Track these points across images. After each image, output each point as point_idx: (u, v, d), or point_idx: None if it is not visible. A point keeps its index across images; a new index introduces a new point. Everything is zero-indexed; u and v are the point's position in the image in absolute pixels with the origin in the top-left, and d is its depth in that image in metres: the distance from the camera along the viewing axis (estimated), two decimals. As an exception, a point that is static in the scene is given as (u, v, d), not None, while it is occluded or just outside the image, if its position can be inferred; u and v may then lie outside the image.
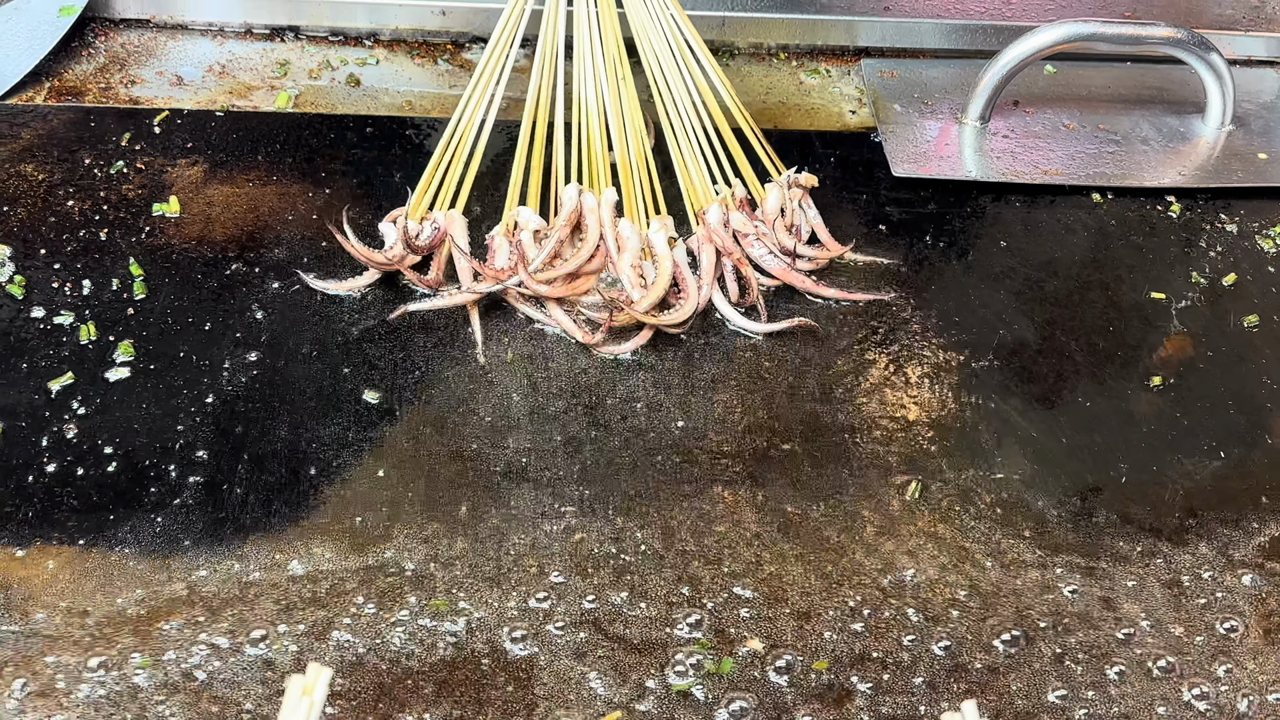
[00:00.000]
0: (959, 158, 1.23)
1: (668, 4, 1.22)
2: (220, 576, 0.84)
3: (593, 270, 1.05)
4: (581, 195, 1.09)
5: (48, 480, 0.89)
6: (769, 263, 1.07)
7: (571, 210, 1.08)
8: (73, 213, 1.10)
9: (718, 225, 1.07)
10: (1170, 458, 0.97)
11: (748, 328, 1.03)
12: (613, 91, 1.17)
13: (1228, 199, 1.21)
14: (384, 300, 1.04)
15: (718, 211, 1.08)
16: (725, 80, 1.20)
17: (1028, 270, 1.12)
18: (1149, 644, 0.84)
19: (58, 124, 1.19)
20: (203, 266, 1.06)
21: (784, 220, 1.10)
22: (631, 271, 1.04)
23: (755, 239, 1.07)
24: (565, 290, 1.03)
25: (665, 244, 1.06)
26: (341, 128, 1.21)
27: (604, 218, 1.08)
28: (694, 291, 1.04)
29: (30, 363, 0.97)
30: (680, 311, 1.02)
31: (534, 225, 1.07)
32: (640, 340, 1.02)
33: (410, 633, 0.82)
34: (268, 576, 0.84)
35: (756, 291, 1.04)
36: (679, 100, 1.18)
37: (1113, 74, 1.36)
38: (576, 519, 0.89)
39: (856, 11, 1.38)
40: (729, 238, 1.07)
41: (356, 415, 0.95)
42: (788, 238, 1.08)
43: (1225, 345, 1.07)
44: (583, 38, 1.20)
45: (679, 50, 1.20)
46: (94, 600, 0.82)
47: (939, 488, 0.93)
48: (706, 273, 1.05)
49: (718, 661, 0.81)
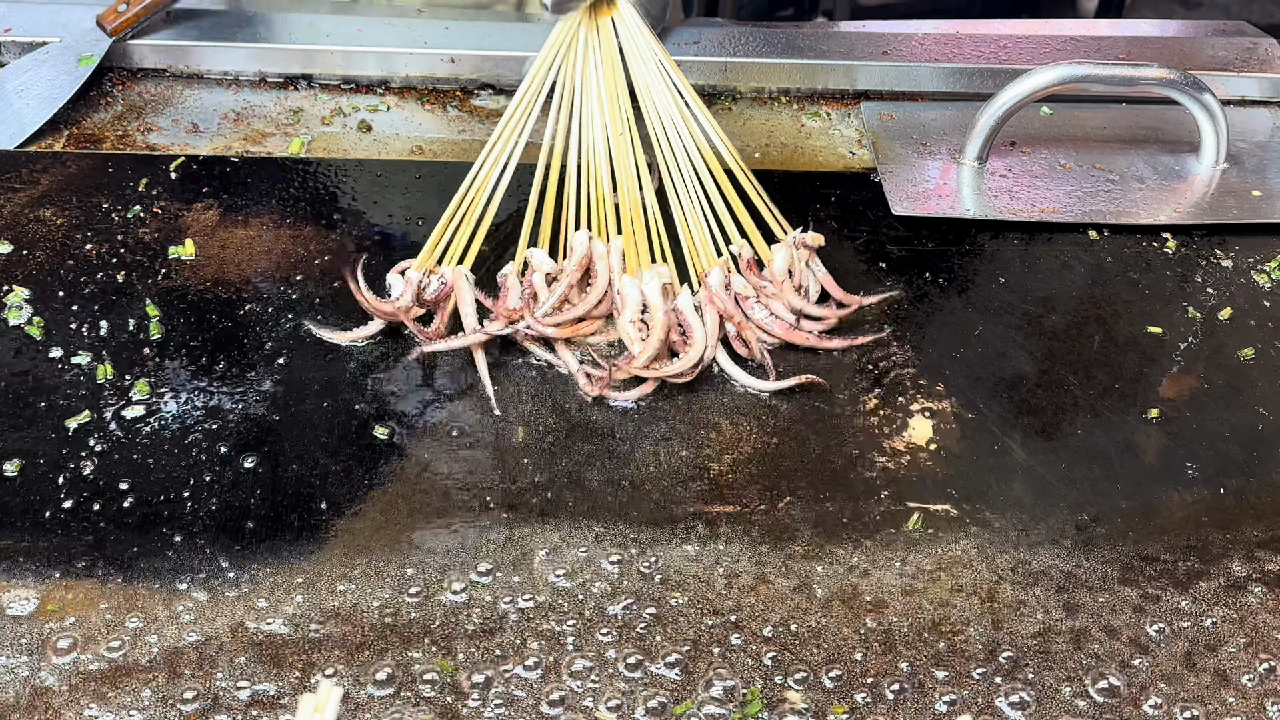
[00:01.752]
0: (957, 197, 1.25)
1: (663, 63, 1.24)
2: (233, 608, 0.86)
3: (599, 315, 1.08)
4: (591, 242, 1.11)
5: (65, 516, 0.91)
6: (771, 325, 1.08)
7: (582, 256, 1.10)
8: (90, 256, 1.13)
9: (719, 289, 1.08)
10: (1168, 489, 0.98)
11: (754, 386, 1.04)
12: (616, 139, 1.20)
13: (1223, 235, 1.23)
14: (393, 340, 1.06)
15: (719, 275, 1.09)
16: (726, 140, 1.22)
17: (1026, 305, 1.14)
18: (1144, 675, 0.85)
19: (76, 170, 1.22)
20: (217, 307, 1.09)
21: (792, 281, 1.11)
22: (631, 328, 1.05)
23: (756, 301, 1.09)
24: (571, 332, 1.06)
25: (659, 295, 1.06)
26: (353, 172, 1.24)
27: (613, 265, 1.10)
28: (700, 339, 1.05)
29: (48, 402, 0.99)
30: (681, 363, 1.04)
31: (546, 268, 1.09)
32: (645, 390, 1.03)
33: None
34: (280, 608, 0.86)
35: (760, 351, 1.06)
36: (679, 158, 1.20)
37: (1108, 115, 1.39)
38: (581, 557, 0.91)
39: (856, 56, 1.42)
40: (730, 301, 1.08)
41: (366, 451, 0.97)
42: (796, 298, 1.09)
43: (1222, 378, 1.08)
44: (590, 86, 1.23)
45: (676, 104, 1.22)
46: (108, 632, 0.84)
47: (938, 519, 0.94)
48: (711, 334, 1.06)
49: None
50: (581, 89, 1.24)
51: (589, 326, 1.07)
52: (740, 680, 0.83)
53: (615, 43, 1.26)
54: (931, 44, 1.44)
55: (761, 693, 0.82)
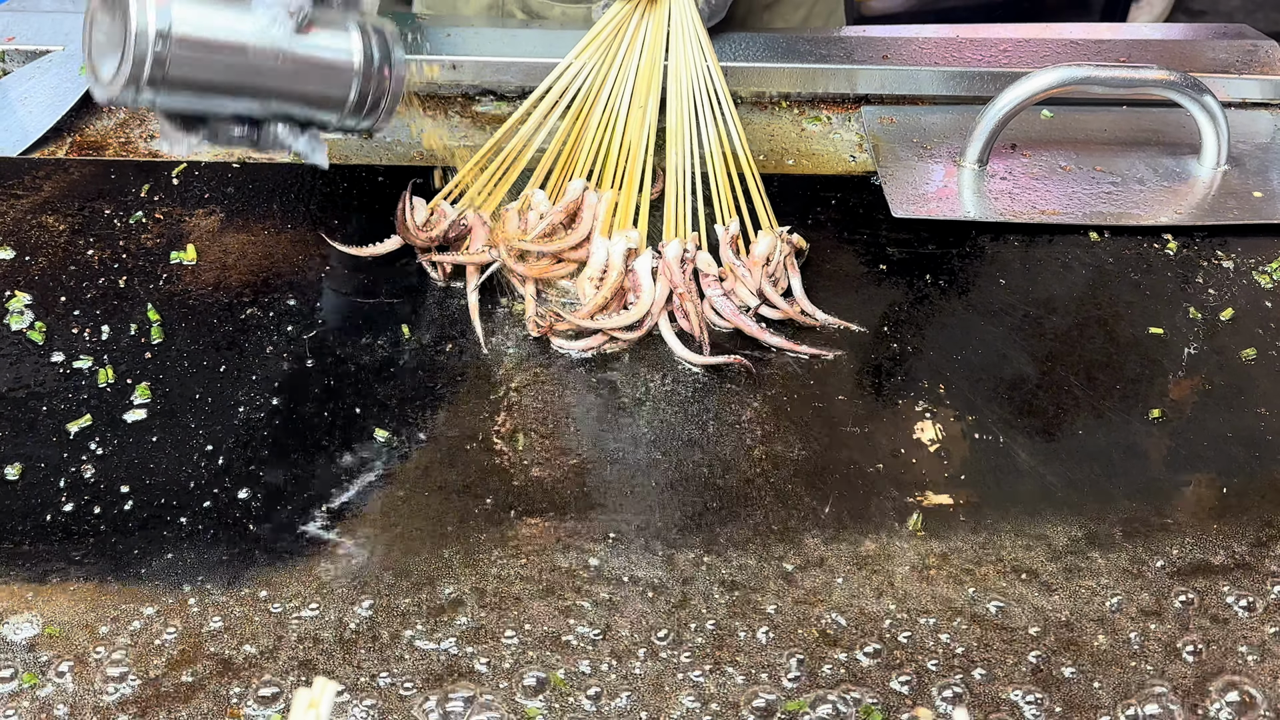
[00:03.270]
0: (958, 199, 1.25)
1: (705, 54, 1.25)
2: (234, 610, 0.86)
3: (574, 259, 1.13)
4: (585, 191, 1.16)
5: (65, 519, 0.92)
6: (721, 306, 1.10)
7: (572, 200, 1.15)
8: (92, 261, 1.13)
9: (673, 260, 1.10)
10: (1171, 489, 0.98)
11: (686, 358, 1.07)
12: (637, 118, 1.23)
13: (1224, 236, 1.23)
14: (394, 347, 1.07)
15: (676, 247, 1.11)
16: (744, 138, 1.23)
17: (1027, 307, 1.14)
18: (1147, 673, 0.85)
19: (79, 177, 1.23)
20: (218, 312, 1.09)
21: (768, 268, 1.12)
22: (589, 284, 1.11)
23: (717, 281, 1.11)
24: (542, 271, 1.11)
25: (620, 258, 1.10)
26: (354, 178, 1.25)
27: (599, 215, 1.14)
28: (647, 300, 1.08)
29: (50, 406, 1.00)
30: (621, 318, 1.08)
31: (543, 208, 1.15)
32: (592, 343, 1.07)
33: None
34: (283, 610, 0.86)
35: (699, 325, 1.07)
36: (691, 139, 1.21)
37: (1109, 118, 1.39)
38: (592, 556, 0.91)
39: (856, 60, 1.42)
40: (680, 273, 1.10)
41: (368, 453, 0.97)
42: (766, 283, 1.11)
43: (1223, 378, 1.08)
44: (632, 60, 1.26)
45: (707, 92, 1.24)
46: (108, 633, 0.84)
47: (940, 519, 0.94)
48: (659, 299, 1.09)
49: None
50: (625, 59, 1.25)
51: (560, 270, 1.12)
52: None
53: (665, 27, 1.26)
54: (931, 48, 1.44)
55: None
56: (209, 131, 0.97)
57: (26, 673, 0.81)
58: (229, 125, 0.97)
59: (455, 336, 1.08)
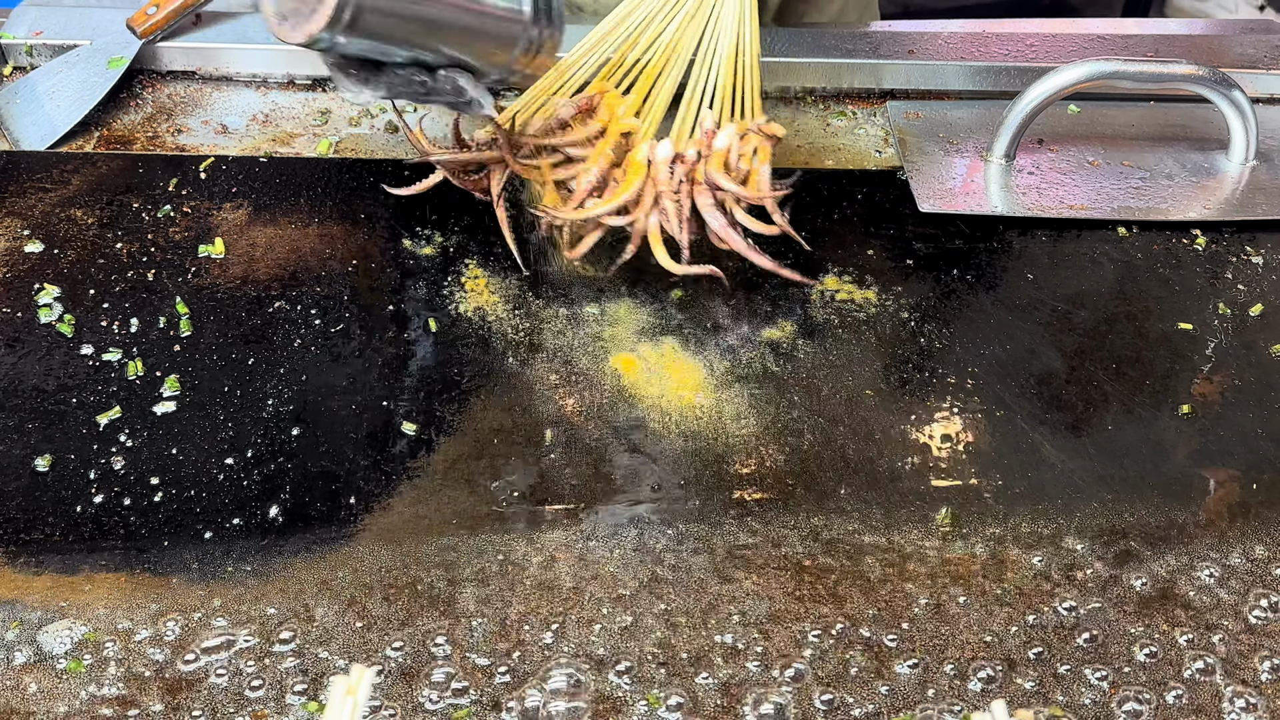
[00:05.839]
0: (984, 194, 1.25)
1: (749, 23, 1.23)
2: (263, 601, 0.86)
3: (579, 156, 1.11)
4: (606, 93, 1.15)
5: (95, 510, 0.92)
6: (710, 216, 1.09)
7: (585, 98, 1.14)
8: (121, 255, 1.14)
9: (662, 161, 1.09)
10: (1201, 484, 0.98)
11: (664, 264, 1.08)
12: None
13: (1253, 232, 1.22)
14: (417, 345, 1.07)
15: (667, 147, 1.09)
16: (757, 91, 1.21)
17: (1055, 302, 1.14)
18: (1181, 664, 0.84)
19: (107, 171, 1.23)
20: (246, 304, 1.09)
21: (731, 163, 1.11)
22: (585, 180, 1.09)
23: (706, 189, 1.09)
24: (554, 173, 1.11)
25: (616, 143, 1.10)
26: (380, 172, 1.25)
27: (616, 114, 1.13)
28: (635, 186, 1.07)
29: (79, 398, 1.00)
30: (609, 202, 1.07)
31: (564, 113, 1.14)
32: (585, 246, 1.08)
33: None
34: (313, 601, 0.86)
35: (679, 224, 1.07)
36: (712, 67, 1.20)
37: (1136, 113, 1.38)
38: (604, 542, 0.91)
39: (881, 55, 1.41)
40: (666, 175, 1.08)
41: (395, 445, 0.98)
42: (718, 173, 1.09)
43: (1254, 374, 1.07)
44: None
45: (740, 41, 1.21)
46: (137, 624, 0.84)
47: (969, 513, 0.94)
48: (644, 206, 1.08)
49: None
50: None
51: (562, 173, 1.11)
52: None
53: None
54: (958, 43, 1.43)
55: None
56: (387, 80, 0.99)
57: (72, 660, 0.82)
58: (405, 72, 0.98)
59: (482, 331, 1.08)
